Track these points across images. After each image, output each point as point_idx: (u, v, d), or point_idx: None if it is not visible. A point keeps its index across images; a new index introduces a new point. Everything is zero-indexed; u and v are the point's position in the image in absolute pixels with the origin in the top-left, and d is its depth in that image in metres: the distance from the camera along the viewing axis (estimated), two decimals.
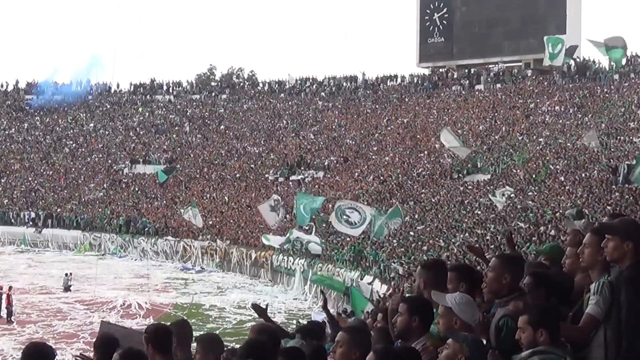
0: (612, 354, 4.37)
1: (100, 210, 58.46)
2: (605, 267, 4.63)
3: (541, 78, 59.16)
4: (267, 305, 8.44)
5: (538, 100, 54.65)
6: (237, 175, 59.34)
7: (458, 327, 4.63)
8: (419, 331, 4.81)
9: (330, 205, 38.60)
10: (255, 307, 8.01)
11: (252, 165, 60.49)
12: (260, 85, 77.72)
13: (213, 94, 76.86)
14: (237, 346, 7.31)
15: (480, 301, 5.12)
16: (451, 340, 4.33)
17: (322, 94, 70.86)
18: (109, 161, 67.55)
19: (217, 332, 23.31)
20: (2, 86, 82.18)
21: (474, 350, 4.27)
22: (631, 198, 29.91)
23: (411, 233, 36.16)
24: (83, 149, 70.57)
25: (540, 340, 4.30)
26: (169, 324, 6.17)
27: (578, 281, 5.14)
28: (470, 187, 42.56)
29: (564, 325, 4.52)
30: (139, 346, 5.57)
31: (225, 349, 6.08)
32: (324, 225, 40.72)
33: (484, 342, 4.57)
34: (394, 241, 35.39)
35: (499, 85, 61.02)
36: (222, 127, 69.74)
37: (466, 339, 4.34)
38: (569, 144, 43.24)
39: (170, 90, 78.35)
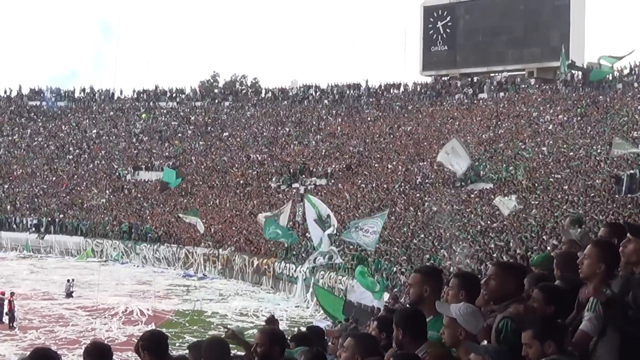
0: None
1: (102, 216, 58.47)
2: (604, 280, 4.60)
3: (545, 87, 59.13)
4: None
5: (541, 109, 54.62)
6: (240, 183, 59.31)
7: (463, 338, 4.62)
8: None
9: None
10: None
11: (254, 173, 60.46)
12: (263, 92, 77.81)
13: (216, 101, 76.94)
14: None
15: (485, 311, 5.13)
16: (473, 355, 4.35)
17: (325, 101, 70.92)
18: (112, 167, 67.60)
19: None
20: (5, 92, 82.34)
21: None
22: (634, 208, 29.77)
23: (414, 241, 36.13)
24: (86, 155, 70.58)
25: (549, 352, 4.27)
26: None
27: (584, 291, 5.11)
28: (473, 195, 42.55)
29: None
30: None
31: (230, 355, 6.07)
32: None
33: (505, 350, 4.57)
34: (396, 249, 35.35)
35: (502, 94, 61.04)
36: (225, 134, 69.76)
37: (487, 350, 4.34)
38: (572, 153, 43.22)
39: (174, 97, 78.44)
